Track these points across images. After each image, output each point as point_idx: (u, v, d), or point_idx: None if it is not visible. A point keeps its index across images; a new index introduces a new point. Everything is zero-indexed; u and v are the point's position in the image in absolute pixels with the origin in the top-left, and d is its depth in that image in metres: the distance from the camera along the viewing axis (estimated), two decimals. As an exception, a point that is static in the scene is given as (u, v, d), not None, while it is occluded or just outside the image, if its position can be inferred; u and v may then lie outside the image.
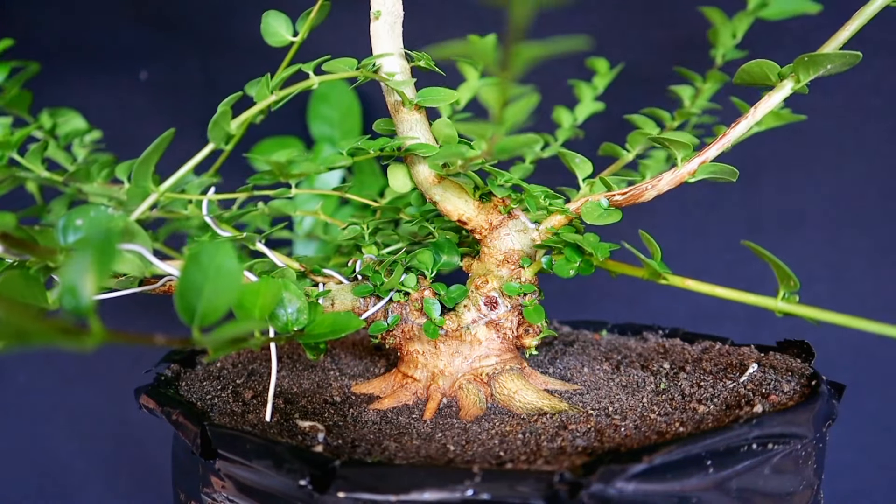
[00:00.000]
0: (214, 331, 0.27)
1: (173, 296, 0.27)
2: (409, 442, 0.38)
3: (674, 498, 0.31)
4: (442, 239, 0.46)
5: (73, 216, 0.32)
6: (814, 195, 0.77)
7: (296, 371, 0.51)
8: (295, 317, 0.38)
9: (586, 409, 0.42)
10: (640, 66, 0.68)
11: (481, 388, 0.44)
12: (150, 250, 0.35)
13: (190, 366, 0.50)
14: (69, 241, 0.32)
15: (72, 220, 0.32)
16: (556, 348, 0.54)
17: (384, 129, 0.44)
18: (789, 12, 0.51)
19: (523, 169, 0.57)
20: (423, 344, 0.45)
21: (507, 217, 0.43)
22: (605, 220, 0.41)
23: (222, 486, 0.36)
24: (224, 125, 0.35)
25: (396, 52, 0.40)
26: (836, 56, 0.36)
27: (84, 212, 0.32)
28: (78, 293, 0.20)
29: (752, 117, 0.40)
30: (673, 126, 0.54)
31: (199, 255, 0.27)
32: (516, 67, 0.25)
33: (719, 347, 0.51)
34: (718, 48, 0.55)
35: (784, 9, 0.51)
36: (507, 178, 0.43)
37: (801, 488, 0.37)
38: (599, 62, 0.60)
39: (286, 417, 0.41)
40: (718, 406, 0.39)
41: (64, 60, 0.78)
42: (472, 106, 0.58)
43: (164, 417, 0.40)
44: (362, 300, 0.45)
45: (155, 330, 0.26)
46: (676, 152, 0.41)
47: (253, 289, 0.34)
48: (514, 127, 0.31)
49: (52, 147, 0.54)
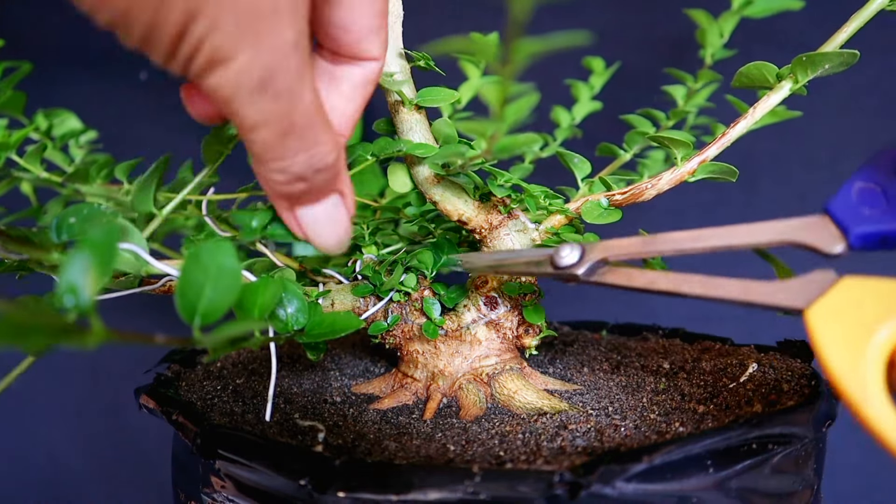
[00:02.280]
0: (214, 330, 0.27)
1: (173, 295, 0.27)
2: (409, 442, 0.38)
3: (673, 498, 0.31)
4: (442, 239, 0.46)
5: (66, 215, 0.33)
6: (814, 195, 0.77)
7: (296, 371, 0.51)
8: (295, 317, 0.38)
9: (586, 409, 0.42)
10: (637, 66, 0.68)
11: (481, 388, 0.44)
12: (146, 249, 0.36)
13: (190, 366, 0.50)
14: (63, 239, 0.32)
15: (65, 218, 0.32)
16: (556, 348, 0.54)
17: (384, 129, 0.44)
18: (773, 9, 0.51)
19: (523, 169, 0.57)
20: (423, 344, 0.45)
21: (507, 217, 0.43)
22: (605, 219, 0.41)
23: (222, 486, 0.36)
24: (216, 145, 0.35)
25: (396, 52, 0.40)
26: (834, 56, 0.36)
27: (77, 210, 0.33)
28: (78, 292, 0.20)
29: (751, 117, 0.40)
30: (668, 126, 0.54)
31: (199, 254, 0.27)
32: (517, 62, 0.25)
33: (719, 347, 0.51)
34: (707, 48, 0.55)
35: (768, 6, 0.51)
36: (507, 178, 0.43)
37: (801, 488, 0.37)
38: (595, 61, 0.60)
39: (286, 417, 0.41)
40: (718, 406, 0.39)
41: (64, 61, 0.78)
42: (474, 105, 0.58)
43: (164, 417, 0.40)
44: (362, 300, 0.45)
45: (155, 330, 0.26)
46: (676, 151, 0.41)
47: (253, 288, 0.34)
48: (514, 125, 0.31)
49: (49, 148, 0.54)
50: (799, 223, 0.30)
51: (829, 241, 0.29)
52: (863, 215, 0.28)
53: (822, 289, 0.27)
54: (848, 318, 0.26)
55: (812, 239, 0.29)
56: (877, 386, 0.25)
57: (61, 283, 0.20)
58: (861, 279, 0.27)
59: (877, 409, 0.25)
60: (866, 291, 0.26)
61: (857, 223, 0.28)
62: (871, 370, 0.25)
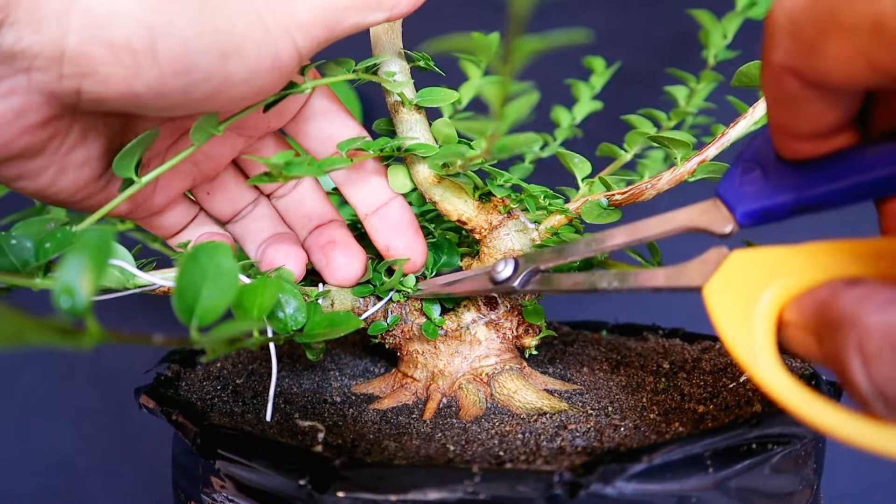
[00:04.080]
0: (212, 331, 0.27)
1: (171, 296, 0.27)
2: (408, 442, 0.38)
3: (673, 498, 0.31)
4: (442, 239, 0.46)
5: (41, 241, 0.34)
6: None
7: (296, 371, 0.51)
8: (294, 317, 0.38)
9: (586, 408, 0.42)
10: (638, 66, 0.68)
11: (481, 388, 0.44)
12: (133, 263, 0.37)
13: (190, 366, 0.50)
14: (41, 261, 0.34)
15: (41, 244, 0.34)
16: (556, 348, 0.54)
17: (384, 129, 0.44)
18: None
19: (523, 169, 0.57)
20: (422, 344, 0.45)
21: (507, 217, 0.43)
22: (605, 219, 0.41)
23: (222, 486, 0.36)
24: (210, 128, 0.35)
25: (396, 52, 0.40)
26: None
27: (51, 235, 0.34)
28: (75, 293, 0.20)
29: (750, 117, 0.40)
30: (669, 126, 0.54)
31: (197, 254, 0.27)
32: (518, 61, 0.25)
33: (719, 347, 0.51)
34: (710, 49, 0.55)
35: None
36: (507, 178, 0.43)
37: (801, 488, 0.37)
38: (596, 61, 0.60)
39: (286, 417, 0.41)
40: (718, 406, 0.39)
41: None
42: (474, 105, 0.58)
43: (164, 417, 0.40)
44: (362, 300, 0.45)
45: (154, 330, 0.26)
46: (676, 151, 0.41)
47: (251, 288, 0.34)
48: (514, 125, 0.31)
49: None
50: (698, 208, 0.32)
51: (720, 223, 0.30)
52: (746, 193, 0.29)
53: (715, 265, 0.29)
54: (737, 288, 0.27)
55: (707, 222, 0.31)
56: (765, 348, 0.26)
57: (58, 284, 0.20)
58: (748, 250, 0.28)
59: (765, 371, 0.26)
60: (753, 261, 0.28)
61: (741, 202, 0.29)
62: (758, 333, 0.26)
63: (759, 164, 0.29)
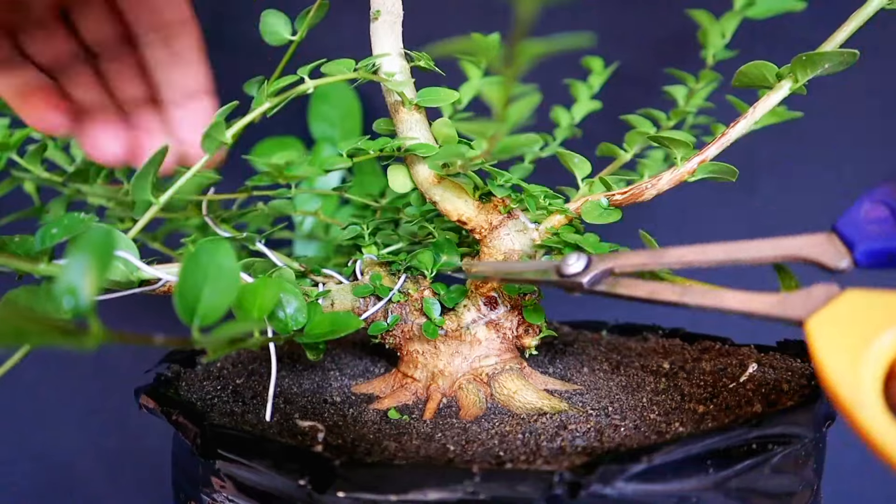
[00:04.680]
0: (214, 331, 0.27)
1: (173, 296, 0.27)
2: (408, 442, 0.38)
3: (673, 498, 0.31)
4: (442, 239, 0.46)
5: (48, 227, 0.34)
6: (813, 195, 0.77)
7: (296, 371, 0.51)
8: (294, 317, 0.38)
9: (586, 409, 0.42)
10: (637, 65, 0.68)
11: (481, 388, 0.44)
12: (136, 254, 0.36)
13: (190, 366, 0.50)
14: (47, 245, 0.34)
15: (48, 230, 0.34)
16: (556, 348, 0.54)
17: (384, 129, 0.44)
18: (775, 10, 0.52)
19: (523, 169, 0.57)
20: (422, 344, 0.45)
21: (507, 217, 0.43)
22: (604, 219, 0.41)
23: (222, 486, 0.36)
24: (218, 135, 0.35)
25: (396, 52, 0.40)
26: (834, 55, 0.36)
27: (58, 222, 0.34)
28: (77, 293, 0.20)
29: (750, 117, 0.40)
30: (669, 126, 0.55)
31: (198, 254, 0.27)
32: (521, 64, 0.25)
33: (719, 347, 0.51)
34: (709, 48, 0.55)
35: (770, 7, 0.51)
36: (507, 179, 0.43)
37: (801, 489, 0.37)
38: (594, 61, 0.60)
39: (286, 417, 0.41)
40: (718, 406, 0.39)
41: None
42: (474, 105, 0.58)
43: (164, 417, 0.40)
44: (362, 300, 0.45)
45: (155, 330, 0.26)
46: (676, 151, 0.41)
47: (252, 289, 0.34)
48: (516, 125, 0.31)
49: (50, 148, 0.54)
50: (805, 240, 0.30)
51: (834, 257, 0.29)
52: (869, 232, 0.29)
53: (823, 300, 0.28)
54: (848, 327, 0.26)
55: (817, 254, 0.30)
56: (873, 393, 0.25)
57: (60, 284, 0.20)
58: (864, 291, 0.27)
59: (872, 416, 0.24)
60: (868, 302, 0.27)
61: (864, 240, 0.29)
62: (867, 377, 0.25)
63: (888, 204, 0.29)
